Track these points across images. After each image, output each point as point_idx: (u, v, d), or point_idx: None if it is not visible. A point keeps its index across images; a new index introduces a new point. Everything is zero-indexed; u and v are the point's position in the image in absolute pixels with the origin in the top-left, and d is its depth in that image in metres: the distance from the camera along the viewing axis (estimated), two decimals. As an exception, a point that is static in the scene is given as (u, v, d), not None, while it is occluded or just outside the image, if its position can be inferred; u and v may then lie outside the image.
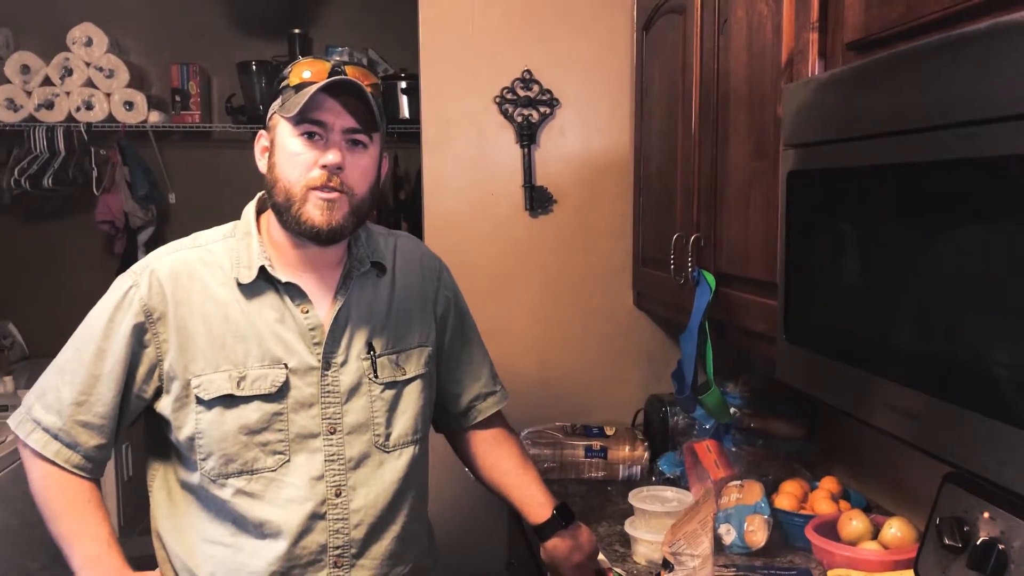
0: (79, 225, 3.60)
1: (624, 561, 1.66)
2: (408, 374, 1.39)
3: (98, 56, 3.36)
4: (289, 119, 1.24)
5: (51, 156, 3.37)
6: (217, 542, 1.30)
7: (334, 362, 1.32)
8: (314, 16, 3.67)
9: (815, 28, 1.25)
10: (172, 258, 1.32)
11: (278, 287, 1.31)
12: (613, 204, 2.26)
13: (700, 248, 1.71)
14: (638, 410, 2.28)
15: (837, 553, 1.50)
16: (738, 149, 1.54)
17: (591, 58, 2.22)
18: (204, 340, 1.27)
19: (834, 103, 1.10)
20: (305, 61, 1.28)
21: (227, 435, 1.26)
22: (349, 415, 1.32)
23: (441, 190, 2.22)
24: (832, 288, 1.13)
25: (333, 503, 1.30)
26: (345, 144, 1.25)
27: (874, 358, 1.02)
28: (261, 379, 1.27)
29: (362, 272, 1.37)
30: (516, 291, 2.27)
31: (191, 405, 1.27)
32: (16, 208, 3.55)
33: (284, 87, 1.27)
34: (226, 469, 1.27)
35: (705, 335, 1.66)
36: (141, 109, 3.41)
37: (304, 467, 1.29)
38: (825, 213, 1.15)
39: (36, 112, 3.34)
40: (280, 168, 1.26)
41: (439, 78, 2.19)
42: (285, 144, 1.25)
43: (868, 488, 1.79)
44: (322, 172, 1.24)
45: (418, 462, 1.42)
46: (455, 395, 1.54)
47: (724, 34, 1.59)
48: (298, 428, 1.29)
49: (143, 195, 3.43)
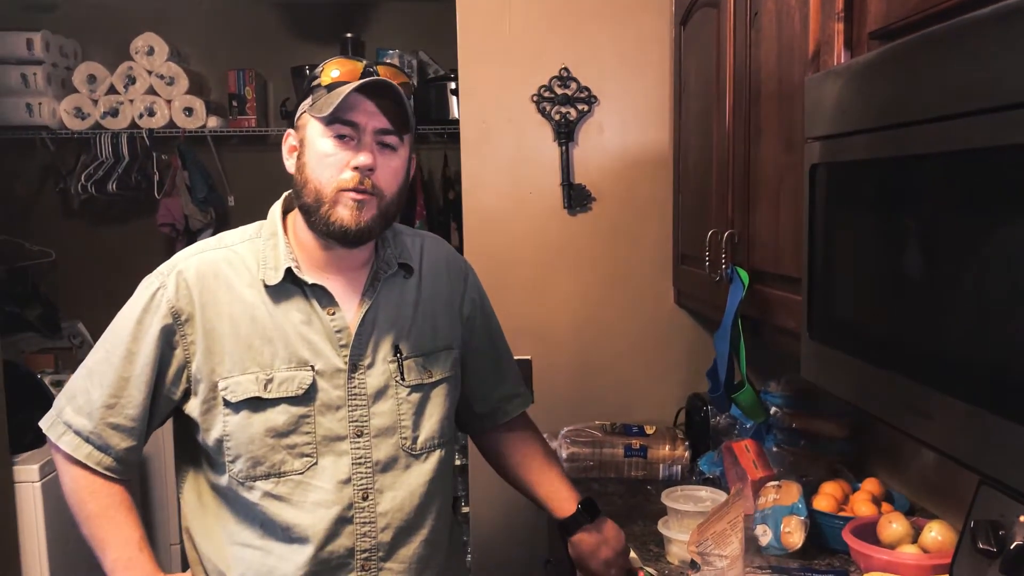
0: (142, 228, 3.72)
1: (658, 561, 1.64)
2: (435, 377, 1.39)
3: (159, 64, 3.47)
4: (320, 119, 1.23)
5: (115, 162, 3.49)
6: (247, 544, 1.31)
7: (361, 364, 1.32)
8: (365, 19, 3.73)
9: (840, 18, 1.22)
10: (199, 259, 1.31)
11: (304, 289, 1.31)
12: (653, 201, 2.24)
13: (734, 244, 1.68)
14: (679, 409, 2.26)
15: (874, 556, 1.46)
16: (769, 143, 1.51)
17: (629, 54, 2.21)
18: (231, 342, 1.27)
19: (853, 93, 1.07)
20: (336, 60, 1.27)
21: (254, 437, 1.27)
22: (376, 418, 1.32)
23: (480, 189, 2.23)
24: (857, 285, 1.10)
25: (360, 506, 1.30)
26: (376, 145, 1.25)
27: (900, 359, 0.98)
28: (288, 381, 1.27)
29: (389, 274, 1.36)
30: (555, 290, 2.27)
31: (219, 407, 1.28)
32: (84, 212, 3.69)
33: (315, 86, 1.27)
34: (254, 472, 1.28)
35: (738, 333, 1.64)
36: (200, 115, 3.51)
37: (331, 470, 1.29)
38: (848, 207, 1.12)
39: (102, 120, 3.47)
40: (311, 168, 1.25)
41: (477, 78, 2.20)
42: (316, 144, 1.25)
43: (912, 490, 1.74)
44: (354, 174, 1.23)
45: (444, 465, 1.41)
46: (482, 396, 1.53)
47: (755, 27, 1.57)
48: (325, 431, 1.29)
49: (202, 198, 3.53)
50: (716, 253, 1.75)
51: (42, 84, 3.39)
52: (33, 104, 3.38)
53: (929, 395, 0.92)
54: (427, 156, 3.73)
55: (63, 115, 3.44)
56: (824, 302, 1.18)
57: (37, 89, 3.39)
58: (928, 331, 0.93)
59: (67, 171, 3.59)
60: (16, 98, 3.34)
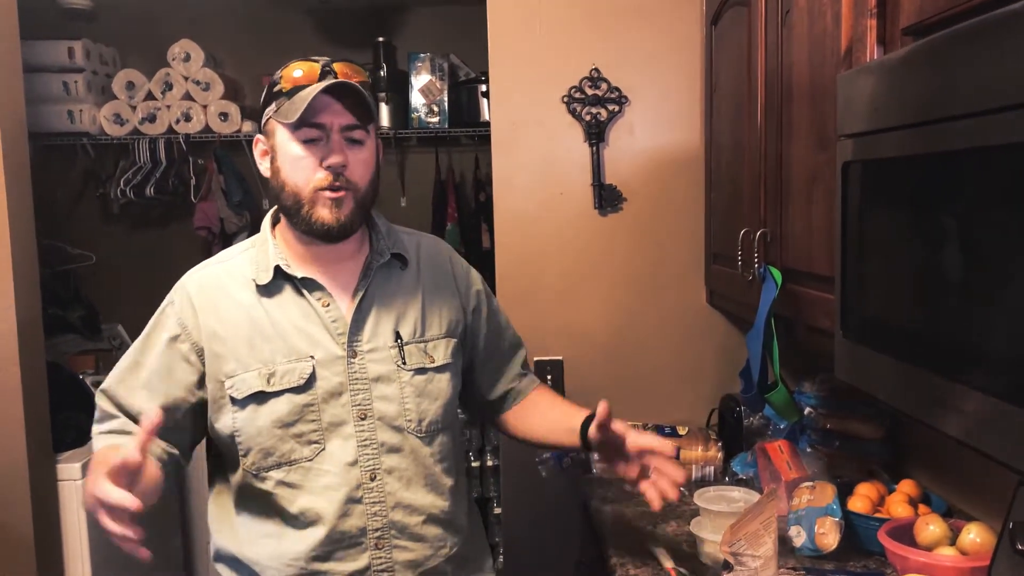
0: (178, 231, 3.79)
1: (691, 561, 1.64)
2: (436, 362, 1.43)
3: (195, 70, 3.53)
4: (287, 125, 1.29)
5: (153, 167, 3.56)
6: (260, 533, 1.36)
7: (360, 350, 1.37)
8: (397, 24, 3.76)
9: (873, 14, 1.21)
10: (200, 274, 1.40)
11: (296, 284, 1.37)
12: (684, 201, 2.23)
13: (767, 244, 1.67)
14: (712, 409, 2.25)
15: (911, 558, 1.44)
16: (801, 142, 1.50)
17: (660, 54, 2.20)
18: (233, 343, 1.34)
19: (888, 90, 1.06)
20: (294, 64, 1.33)
21: (262, 430, 1.33)
22: (379, 402, 1.37)
23: (511, 190, 2.24)
24: (891, 283, 1.09)
25: (368, 487, 1.35)
26: (344, 142, 1.31)
27: (936, 356, 0.97)
28: (289, 373, 1.33)
29: (382, 263, 1.42)
30: (587, 290, 2.27)
31: (227, 405, 1.34)
32: (123, 216, 3.77)
33: (277, 92, 1.32)
34: (265, 463, 1.34)
35: (772, 332, 1.63)
36: (235, 119, 3.56)
37: (338, 454, 1.34)
38: (882, 204, 1.11)
39: (140, 125, 3.53)
40: (285, 173, 1.32)
41: (507, 79, 2.21)
42: (287, 149, 1.31)
43: (949, 491, 1.72)
44: (327, 173, 1.30)
45: (451, 449, 1.46)
46: (492, 383, 1.59)
47: (786, 25, 1.56)
48: (330, 417, 1.34)
49: (237, 202, 3.58)
50: (749, 252, 1.74)
51: (83, 91, 3.46)
52: (74, 111, 3.45)
53: (966, 393, 0.91)
54: (458, 158, 3.76)
55: (103, 121, 3.52)
56: (858, 300, 1.17)
57: (78, 96, 3.46)
58: (964, 328, 0.92)
59: (107, 176, 3.67)
60: (58, 105, 3.41)
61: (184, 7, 3.58)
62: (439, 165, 3.72)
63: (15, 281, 2.10)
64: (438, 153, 3.72)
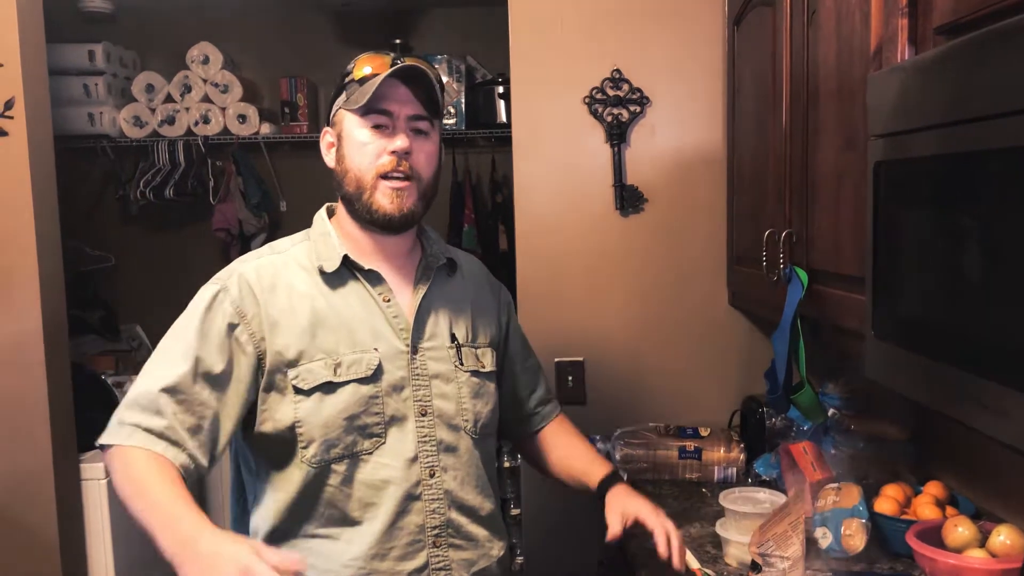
0: (197, 233, 3.80)
1: (715, 563, 1.63)
2: (486, 368, 1.44)
3: (214, 73, 3.56)
4: (356, 111, 1.31)
5: (172, 168, 3.58)
6: (313, 535, 1.33)
7: (421, 347, 1.37)
8: (414, 26, 3.77)
9: (904, 13, 1.20)
10: (256, 263, 1.37)
11: (359, 276, 1.36)
12: (706, 202, 2.23)
13: (792, 244, 1.67)
14: (734, 411, 2.24)
15: (940, 560, 1.43)
16: (828, 142, 1.50)
17: (681, 55, 2.20)
18: (295, 333, 1.31)
19: (921, 89, 1.06)
20: (366, 56, 1.34)
21: (328, 420, 1.30)
22: (438, 399, 1.37)
23: (532, 191, 2.24)
24: (925, 282, 1.08)
25: (428, 483, 1.34)
26: (410, 131, 1.32)
27: (971, 356, 0.97)
28: (356, 363, 1.32)
29: (438, 265, 1.43)
30: (608, 291, 2.27)
31: (288, 396, 1.30)
32: (142, 218, 3.79)
33: (348, 83, 1.34)
34: (328, 455, 1.30)
35: (797, 333, 1.62)
36: (253, 122, 3.58)
37: (399, 448, 1.33)
38: (915, 204, 1.10)
39: (159, 128, 3.56)
40: (349, 158, 1.32)
41: (529, 80, 2.21)
42: (353, 135, 1.32)
43: (976, 493, 1.70)
44: (391, 158, 1.30)
45: (493, 455, 1.47)
46: (521, 400, 1.60)
47: (813, 25, 1.55)
48: (392, 410, 1.33)
49: (256, 203, 3.60)
50: (773, 253, 1.73)
51: (103, 94, 3.49)
52: (95, 113, 3.48)
53: (1004, 392, 0.90)
54: (476, 160, 3.76)
55: (122, 123, 3.55)
56: (890, 301, 1.17)
57: (98, 99, 3.50)
58: (1000, 327, 0.91)
59: (126, 178, 3.69)
60: (79, 108, 3.44)
61: (203, 10, 3.60)
62: (456, 167, 3.72)
63: (41, 283, 2.12)
64: (455, 155, 3.72)
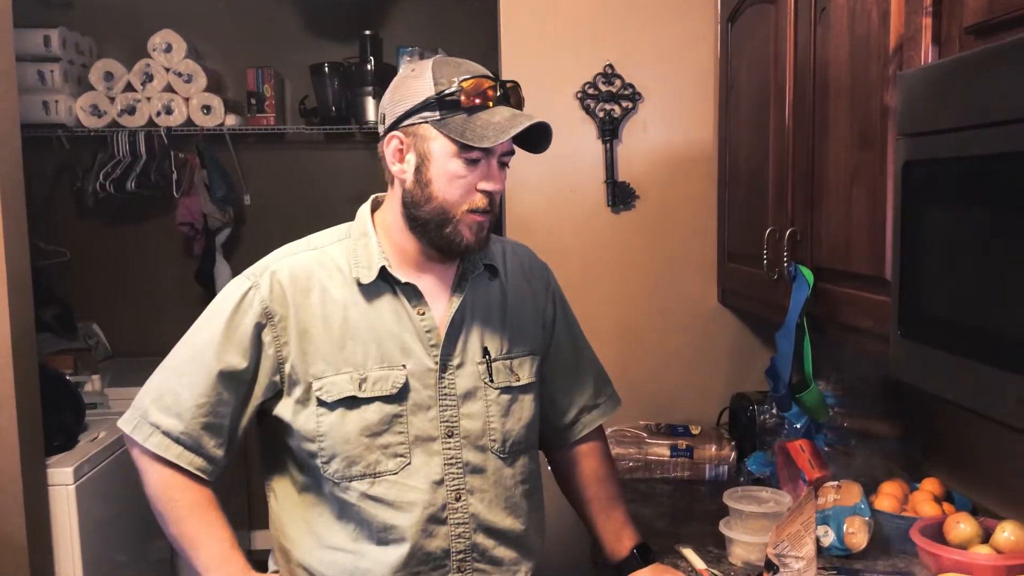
0: (159, 227, 3.68)
1: (719, 562, 1.63)
2: (522, 381, 1.38)
3: (177, 62, 3.44)
4: (453, 138, 1.21)
5: (133, 160, 3.45)
6: (338, 548, 1.30)
7: (451, 364, 1.32)
8: (384, 16, 3.70)
9: (929, 12, 1.20)
10: (290, 261, 1.31)
11: (396, 288, 1.31)
12: (697, 199, 2.22)
13: (795, 243, 1.67)
14: (723, 409, 2.24)
15: (945, 557, 1.44)
16: (839, 140, 1.49)
17: (674, 51, 2.19)
18: (324, 342, 1.27)
19: (962, 89, 1.05)
20: (474, 80, 1.23)
21: (349, 436, 1.26)
22: (466, 419, 1.32)
23: (522, 187, 2.21)
24: (955, 281, 1.08)
25: (454, 507, 1.30)
26: (497, 165, 1.27)
27: (1006, 353, 0.97)
28: (382, 380, 1.27)
29: (476, 275, 1.37)
30: (598, 288, 2.25)
31: (311, 407, 1.27)
32: (99, 212, 3.65)
33: (445, 99, 1.22)
34: (349, 472, 1.27)
35: (803, 332, 1.62)
36: (218, 113, 3.47)
37: (424, 470, 1.29)
38: (945, 204, 1.10)
39: (119, 117, 3.43)
40: (437, 187, 1.24)
41: (520, 74, 2.15)
42: (446, 164, 1.24)
43: (971, 490, 1.73)
44: (483, 197, 1.25)
45: (533, 471, 1.41)
46: (562, 409, 1.52)
47: (822, 23, 1.55)
48: (417, 430, 1.29)
49: (221, 197, 3.49)
50: (775, 251, 1.73)
51: (59, 81, 3.35)
52: (50, 102, 3.34)
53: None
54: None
55: (79, 113, 3.41)
56: (917, 300, 1.17)
57: (54, 87, 3.35)
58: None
59: (84, 170, 3.55)
60: (33, 96, 3.29)
61: (165, -4, 3.49)
62: (427, 161, 3.66)
63: (8, 283, 2.01)
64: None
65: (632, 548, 1.50)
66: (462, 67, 1.26)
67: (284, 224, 3.15)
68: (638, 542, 1.52)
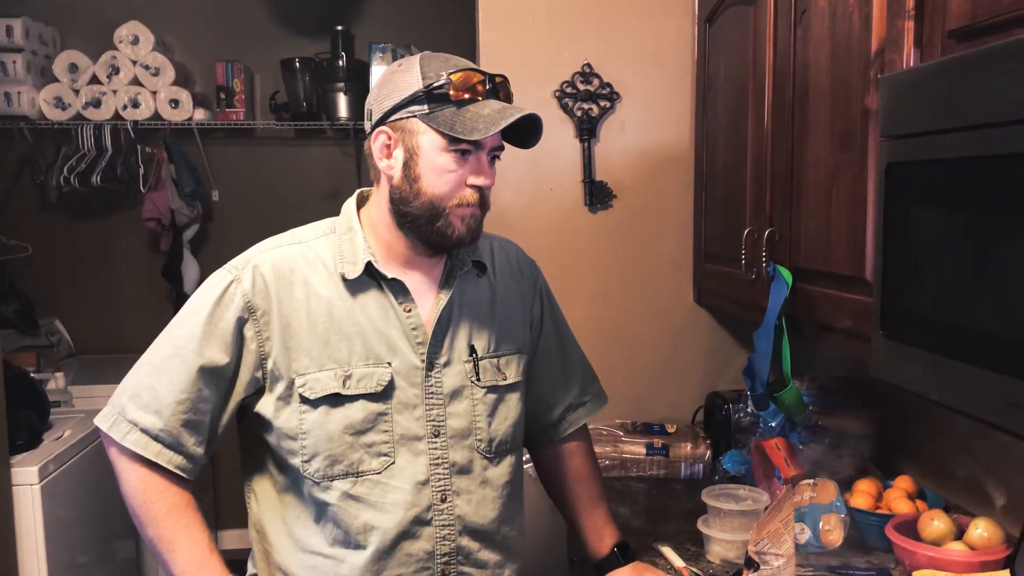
0: (125, 222, 3.62)
1: (697, 560, 1.63)
2: (508, 379, 1.36)
3: (144, 54, 3.37)
4: (442, 132, 1.20)
5: (98, 154, 3.38)
6: (316, 552, 1.27)
7: (437, 363, 1.30)
8: (356, 12, 3.67)
9: (911, 16, 1.22)
10: (273, 254, 1.28)
11: (382, 284, 1.28)
12: (674, 199, 2.23)
13: (774, 243, 1.68)
14: (698, 408, 2.26)
15: (920, 553, 1.47)
16: (818, 142, 1.51)
17: (652, 51, 2.20)
18: (308, 338, 1.25)
19: (946, 92, 1.06)
20: (462, 73, 1.22)
21: (332, 435, 1.24)
22: (452, 418, 1.30)
23: (499, 185, 2.15)
24: (937, 282, 1.10)
25: (439, 508, 1.28)
26: (487, 159, 1.25)
27: (989, 353, 0.98)
28: (367, 378, 1.25)
29: (463, 271, 1.35)
30: (575, 286, 2.25)
31: (294, 404, 1.25)
32: (63, 206, 3.58)
33: (437, 95, 1.20)
34: (331, 471, 1.25)
35: (781, 331, 1.64)
36: (186, 107, 3.42)
37: (409, 470, 1.27)
38: (930, 205, 1.11)
39: (84, 110, 3.36)
40: (427, 181, 1.22)
41: (498, 71, 2.16)
42: (435, 159, 1.22)
43: (943, 488, 1.76)
44: (473, 191, 1.24)
45: (517, 471, 1.40)
46: (548, 406, 1.51)
47: (802, 25, 1.56)
48: (402, 429, 1.27)
49: (189, 192, 3.43)
50: (754, 251, 1.74)
51: (22, 72, 3.28)
52: (12, 93, 3.28)
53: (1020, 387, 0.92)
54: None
55: (43, 105, 3.34)
56: (899, 300, 1.18)
57: (16, 78, 3.28)
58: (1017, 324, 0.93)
59: (47, 163, 3.48)
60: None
61: (131, -14, 3.42)
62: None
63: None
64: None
65: (613, 546, 1.50)
66: (450, 61, 1.24)
67: (253, 220, 3.11)
68: (619, 540, 1.52)
